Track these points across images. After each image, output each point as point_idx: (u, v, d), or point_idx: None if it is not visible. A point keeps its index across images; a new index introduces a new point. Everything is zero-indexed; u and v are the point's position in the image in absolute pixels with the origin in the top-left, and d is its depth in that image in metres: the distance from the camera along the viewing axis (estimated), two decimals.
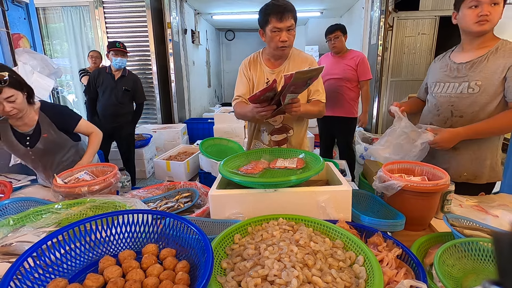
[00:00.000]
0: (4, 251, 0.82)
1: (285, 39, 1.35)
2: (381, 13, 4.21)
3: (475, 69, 1.27)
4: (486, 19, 1.18)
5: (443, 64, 1.42)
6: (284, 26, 1.33)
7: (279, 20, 1.31)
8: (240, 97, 1.55)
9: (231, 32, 9.22)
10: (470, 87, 1.28)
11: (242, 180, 1.03)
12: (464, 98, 1.30)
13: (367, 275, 0.68)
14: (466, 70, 1.30)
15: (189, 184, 1.42)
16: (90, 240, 0.72)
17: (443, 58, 1.45)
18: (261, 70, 1.54)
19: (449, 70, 1.36)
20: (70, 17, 4.56)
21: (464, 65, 1.31)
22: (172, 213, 1.05)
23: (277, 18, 1.31)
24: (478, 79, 1.26)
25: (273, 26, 1.33)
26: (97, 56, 3.77)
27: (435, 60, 1.51)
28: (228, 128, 3.92)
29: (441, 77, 1.40)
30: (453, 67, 1.35)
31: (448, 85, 1.36)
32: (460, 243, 0.80)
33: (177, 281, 0.62)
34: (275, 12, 1.31)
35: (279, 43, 1.36)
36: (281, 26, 1.32)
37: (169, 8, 4.59)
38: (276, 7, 1.31)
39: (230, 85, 9.66)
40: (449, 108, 1.35)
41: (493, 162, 1.35)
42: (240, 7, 6.10)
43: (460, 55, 1.35)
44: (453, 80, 1.34)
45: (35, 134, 1.51)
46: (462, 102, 1.31)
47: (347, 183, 1.04)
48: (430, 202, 1.04)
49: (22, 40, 2.35)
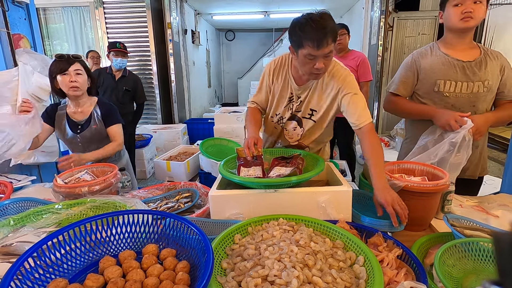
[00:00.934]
0: (5, 251, 0.82)
1: (320, 67, 1.09)
2: (381, 13, 4.21)
3: (485, 68, 1.31)
4: (470, 15, 1.24)
5: (441, 60, 1.36)
6: (321, 54, 1.06)
7: (315, 48, 1.03)
8: (255, 104, 1.40)
9: (231, 33, 9.22)
10: (485, 86, 1.31)
11: (242, 180, 1.03)
12: (481, 96, 1.33)
13: (367, 275, 0.68)
14: (476, 69, 1.31)
15: (189, 185, 1.42)
16: (91, 240, 0.72)
17: (434, 53, 1.39)
18: (286, 82, 1.32)
19: (458, 68, 1.33)
20: (70, 17, 4.57)
21: (473, 63, 1.32)
22: (172, 213, 1.05)
23: (314, 45, 1.03)
24: (488, 78, 1.31)
25: (307, 53, 1.06)
26: (98, 56, 3.77)
27: (420, 55, 1.42)
28: (228, 128, 3.91)
29: (450, 75, 1.35)
30: (459, 65, 1.33)
31: (461, 84, 1.33)
32: (461, 243, 0.80)
33: (177, 281, 0.62)
34: (312, 38, 1.03)
35: (312, 69, 1.11)
36: (317, 54, 1.05)
37: (169, 9, 4.60)
38: (313, 32, 1.02)
39: (230, 85, 9.67)
40: (472, 108, 1.34)
41: (485, 156, 1.45)
42: (240, 7, 6.11)
43: (458, 52, 1.34)
44: (465, 79, 1.33)
45: (86, 124, 1.67)
46: (480, 101, 1.34)
47: (347, 184, 1.04)
48: (430, 202, 1.04)
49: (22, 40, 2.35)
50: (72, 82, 1.54)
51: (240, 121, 3.86)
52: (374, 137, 1.16)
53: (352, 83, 1.23)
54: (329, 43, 1.04)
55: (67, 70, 1.53)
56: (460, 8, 1.25)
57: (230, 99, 9.62)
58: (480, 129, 1.27)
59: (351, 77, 1.25)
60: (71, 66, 1.54)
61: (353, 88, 1.22)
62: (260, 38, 9.22)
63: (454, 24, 1.30)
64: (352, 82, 1.24)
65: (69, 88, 1.55)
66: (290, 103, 1.35)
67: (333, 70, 1.25)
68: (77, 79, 1.55)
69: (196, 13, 6.14)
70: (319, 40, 1.02)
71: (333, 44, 1.07)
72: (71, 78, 1.54)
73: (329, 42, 1.04)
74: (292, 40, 1.12)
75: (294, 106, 1.34)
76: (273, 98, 1.36)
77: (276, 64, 1.33)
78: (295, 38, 1.10)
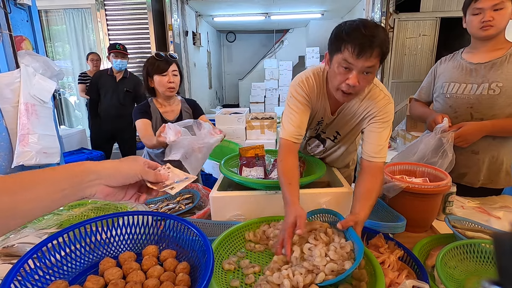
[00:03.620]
0: (6, 252, 0.82)
1: (354, 83, 0.88)
2: (382, 14, 4.21)
3: (496, 70, 1.25)
4: (490, 24, 1.19)
5: (455, 64, 1.38)
6: (360, 66, 0.86)
7: (355, 55, 0.84)
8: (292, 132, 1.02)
9: (232, 34, 9.24)
10: (491, 88, 1.26)
11: (243, 180, 1.03)
12: (484, 99, 1.28)
13: (368, 277, 0.68)
14: (485, 71, 1.27)
15: (190, 186, 1.42)
16: (91, 242, 0.72)
17: (454, 58, 1.41)
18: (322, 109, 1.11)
19: (465, 70, 1.33)
20: (72, 19, 4.59)
21: (483, 65, 1.28)
22: (173, 214, 1.05)
23: (354, 51, 0.84)
24: (499, 80, 1.24)
25: (343, 59, 0.87)
26: (97, 58, 3.79)
27: (442, 61, 1.46)
28: (229, 129, 3.91)
29: (456, 77, 1.35)
30: (469, 67, 1.32)
31: (465, 86, 1.32)
32: (462, 245, 0.80)
33: (177, 283, 0.62)
34: (354, 43, 0.84)
35: (343, 84, 0.90)
36: (355, 63, 0.86)
37: (170, 10, 4.61)
38: (360, 37, 0.83)
39: (231, 87, 9.69)
40: (468, 110, 1.32)
41: (508, 166, 1.34)
42: (241, 9, 6.12)
43: (475, 56, 1.32)
44: (471, 81, 1.31)
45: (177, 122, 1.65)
46: (482, 104, 1.29)
47: (348, 185, 1.03)
48: (431, 203, 1.04)
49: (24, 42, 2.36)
50: (170, 83, 1.55)
51: (241, 123, 3.87)
52: (379, 178, 0.97)
53: (389, 113, 1.02)
54: (373, 56, 0.84)
55: (166, 71, 1.53)
56: (479, 16, 1.22)
57: (231, 100, 9.63)
58: (465, 136, 1.25)
59: (390, 106, 1.03)
60: (170, 67, 1.54)
61: (386, 117, 1.02)
62: (261, 40, 9.23)
63: (474, 33, 1.27)
64: (390, 111, 1.03)
65: (167, 89, 1.56)
66: (317, 125, 1.21)
67: (370, 94, 1.03)
68: (174, 80, 1.57)
69: (197, 15, 6.16)
70: (362, 45, 0.83)
71: (378, 62, 0.87)
72: (169, 79, 1.54)
73: (373, 54, 0.84)
74: (332, 44, 0.91)
75: (320, 128, 1.23)
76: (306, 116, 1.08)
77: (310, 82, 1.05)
78: (336, 41, 0.89)
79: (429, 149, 1.26)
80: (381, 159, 0.99)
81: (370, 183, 0.94)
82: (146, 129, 1.53)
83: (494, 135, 1.30)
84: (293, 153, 1.01)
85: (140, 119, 1.56)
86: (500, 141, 1.31)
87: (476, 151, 1.33)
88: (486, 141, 1.31)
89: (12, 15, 2.20)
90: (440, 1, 4.17)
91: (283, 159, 0.99)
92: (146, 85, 1.62)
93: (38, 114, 2.29)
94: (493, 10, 1.18)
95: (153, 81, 1.57)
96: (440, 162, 1.23)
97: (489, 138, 1.30)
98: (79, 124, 5.03)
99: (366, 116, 1.05)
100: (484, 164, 1.34)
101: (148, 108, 1.63)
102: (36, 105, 2.27)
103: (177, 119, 1.66)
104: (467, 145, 1.29)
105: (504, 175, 1.35)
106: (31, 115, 2.21)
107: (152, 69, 1.55)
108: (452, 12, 4.15)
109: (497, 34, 1.23)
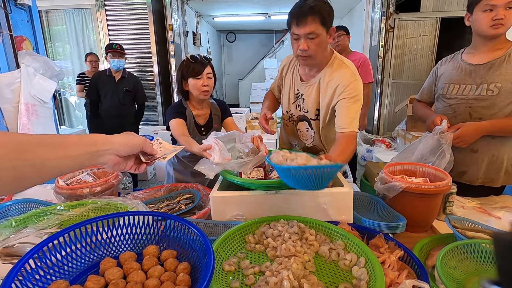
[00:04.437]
0: (6, 252, 0.82)
1: (304, 48, 1.11)
2: (382, 14, 4.21)
3: (495, 71, 1.25)
4: (501, 22, 1.18)
5: (455, 65, 1.38)
6: (303, 33, 1.09)
7: (295, 25, 1.09)
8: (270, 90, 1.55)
9: (232, 34, 9.25)
10: (489, 89, 1.26)
11: (243, 182, 1.03)
12: (482, 100, 1.28)
13: (368, 277, 0.68)
14: (484, 72, 1.28)
15: (191, 186, 1.42)
16: (92, 242, 0.72)
17: (454, 59, 1.41)
18: (293, 79, 1.37)
19: (464, 71, 1.34)
20: (72, 19, 4.59)
21: (482, 66, 1.28)
22: (173, 214, 1.05)
23: (295, 23, 1.09)
24: (498, 81, 1.25)
25: (292, 32, 1.13)
26: (96, 59, 3.79)
27: (443, 62, 1.47)
28: None
29: (455, 78, 1.36)
30: (468, 68, 1.33)
31: (464, 87, 1.33)
32: (462, 245, 0.80)
33: (178, 283, 0.62)
34: (295, 15, 1.09)
35: (297, 51, 1.15)
36: (298, 32, 1.10)
37: (171, 10, 4.61)
38: (295, 8, 1.09)
39: (231, 87, 9.69)
40: (467, 110, 1.32)
41: (509, 165, 1.34)
42: (241, 9, 6.12)
43: (474, 56, 1.33)
44: (470, 82, 1.31)
45: (207, 125, 1.68)
46: (481, 104, 1.29)
47: (348, 185, 1.03)
48: (431, 203, 1.04)
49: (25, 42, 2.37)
50: (205, 86, 1.51)
51: (241, 123, 3.87)
52: (350, 144, 1.14)
53: (355, 88, 1.19)
54: (310, 22, 1.05)
55: (201, 74, 1.50)
56: (490, 14, 1.19)
57: (231, 101, 9.63)
58: (464, 136, 1.25)
59: (356, 82, 1.19)
60: (204, 70, 1.51)
61: (352, 93, 1.18)
62: (261, 40, 9.23)
63: (483, 31, 1.24)
64: (356, 87, 1.19)
65: (201, 92, 1.52)
66: (297, 99, 1.38)
67: (338, 71, 1.21)
68: (208, 83, 1.53)
69: (197, 15, 6.16)
70: (298, 16, 1.06)
71: (320, 26, 1.07)
72: (204, 82, 1.51)
73: (309, 20, 1.05)
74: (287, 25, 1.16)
75: (301, 104, 1.35)
76: (284, 91, 1.42)
77: (289, 60, 1.39)
78: (288, 22, 1.14)
79: (427, 149, 1.27)
80: (353, 129, 1.16)
81: (342, 147, 1.12)
82: (182, 128, 1.51)
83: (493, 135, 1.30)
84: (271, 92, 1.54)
85: (176, 118, 1.54)
86: (499, 140, 1.32)
87: (475, 150, 1.34)
88: (485, 140, 1.31)
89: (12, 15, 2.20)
90: (440, 1, 4.17)
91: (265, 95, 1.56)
92: (180, 88, 1.60)
93: (38, 114, 2.29)
94: (505, 8, 1.16)
95: (187, 84, 1.54)
96: (437, 162, 1.24)
97: (488, 137, 1.31)
98: (79, 124, 5.04)
99: (335, 91, 1.21)
100: (484, 162, 1.34)
101: (184, 110, 1.61)
102: (37, 105, 2.27)
103: (207, 123, 1.66)
104: (466, 146, 1.30)
105: (504, 174, 1.35)
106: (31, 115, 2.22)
107: (187, 71, 1.52)
108: (452, 12, 4.15)
109: (504, 33, 1.23)
